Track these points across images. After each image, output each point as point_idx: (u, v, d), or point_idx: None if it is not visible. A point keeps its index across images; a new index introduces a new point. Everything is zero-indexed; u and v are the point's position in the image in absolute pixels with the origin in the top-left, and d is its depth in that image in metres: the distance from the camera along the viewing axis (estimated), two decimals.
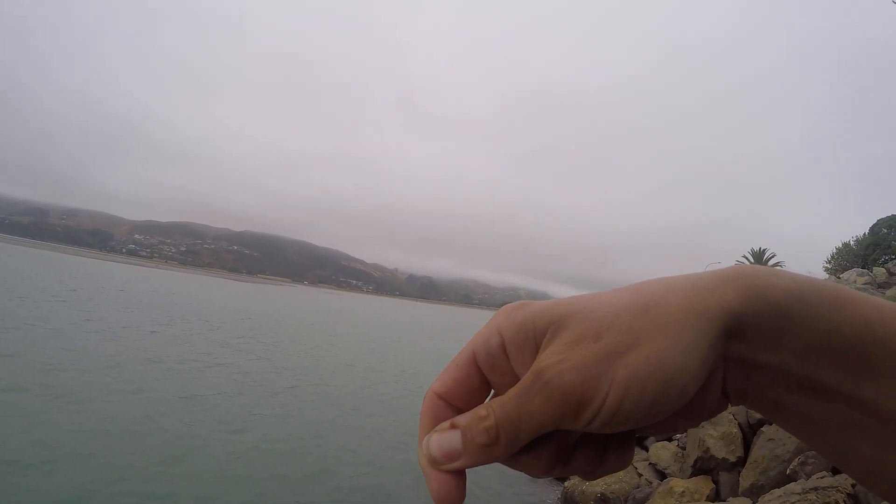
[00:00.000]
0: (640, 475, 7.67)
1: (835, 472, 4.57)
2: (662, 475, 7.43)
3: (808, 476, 4.62)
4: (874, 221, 27.77)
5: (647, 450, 9.01)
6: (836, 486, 4.08)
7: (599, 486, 7.29)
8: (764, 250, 45.13)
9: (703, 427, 6.83)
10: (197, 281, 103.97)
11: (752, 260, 44.68)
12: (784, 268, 43.54)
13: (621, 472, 7.55)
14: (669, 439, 8.82)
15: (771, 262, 43.98)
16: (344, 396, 13.74)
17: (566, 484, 7.85)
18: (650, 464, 8.07)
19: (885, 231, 26.66)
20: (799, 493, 4.26)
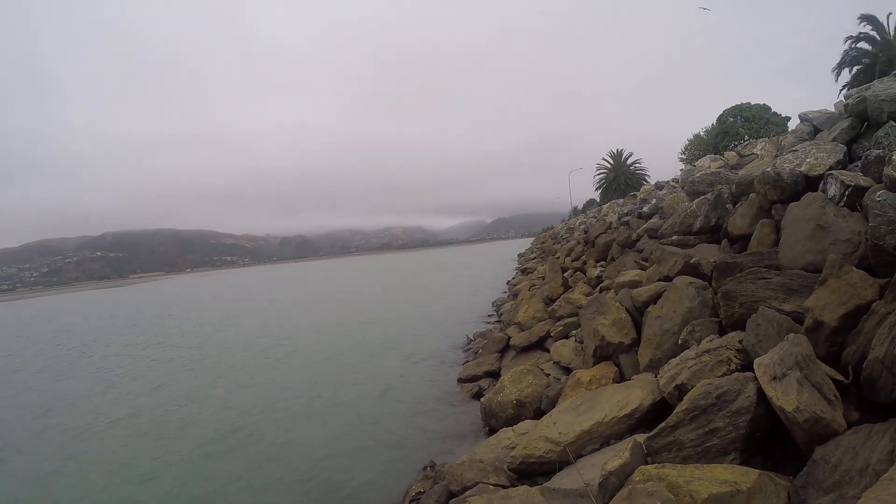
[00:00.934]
0: (547, 375, 8.09)
1: (721, 333, 5.08)
2: (568, 370, 7.87)
3: (699, 342, 5.08)
4: (719, 112, 30.41)
5: (548, 351, 9.52)
6: (725, 345, 4.53)
7: (513, 393, 7.62)
8: (622, 150, 48.04)
9: (593, 318, 7.28)
10: (65, 299, 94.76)
11: (611, 162, 47.50)
12: (641, 164, 46.57)
13: (530, 376, 7.99)
14: (566, 336, 9.36)
15: (629, 161, 47.07)
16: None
17: (482, 400, 8.15)
18: (554, 363, 8.52)
19: (732, 119, 29.29)
20: (694, 358, 4.68)
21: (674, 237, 8.72)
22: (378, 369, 12.57)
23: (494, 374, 10.18)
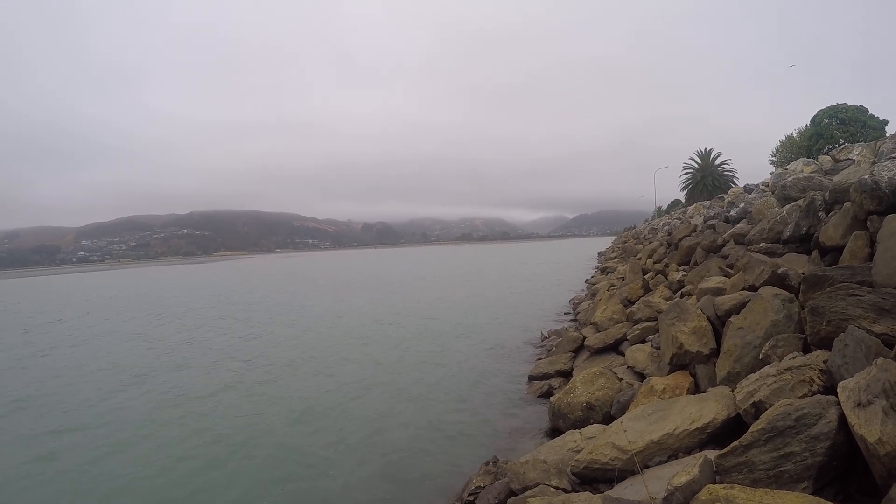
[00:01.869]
0: (620, 379, 7.96)
1: (805, 350, 4.83)
2: (642, 376, 7.71)
3: (781, 358, 4.84)
4: (815, 113, 28.66)
5: (623, 355, 9.35)
6: (809, 364, 4.30)
7: (584, 395, 7.54)
8: (710, 150, 46.20)
9: (672, 324, 7.07)
10: (155, 272, 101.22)
11: (699, 161, 45.77)
12: (730, 164, 44.71)
13: (602, 379, 7.87)
14: (643, 341, 9.15)
15: (717, 161, 45.23)
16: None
17: (552, 399, 8.11)
18: (628, 367, 8.37)
19: (826, 121, 27.56)
20: (774, 375, 4.48)
21: (761, 244, 8.32)
22: (450, 359, 12.75)
23: (566, 374, 10.09)
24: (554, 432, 7.45)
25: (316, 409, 9.51)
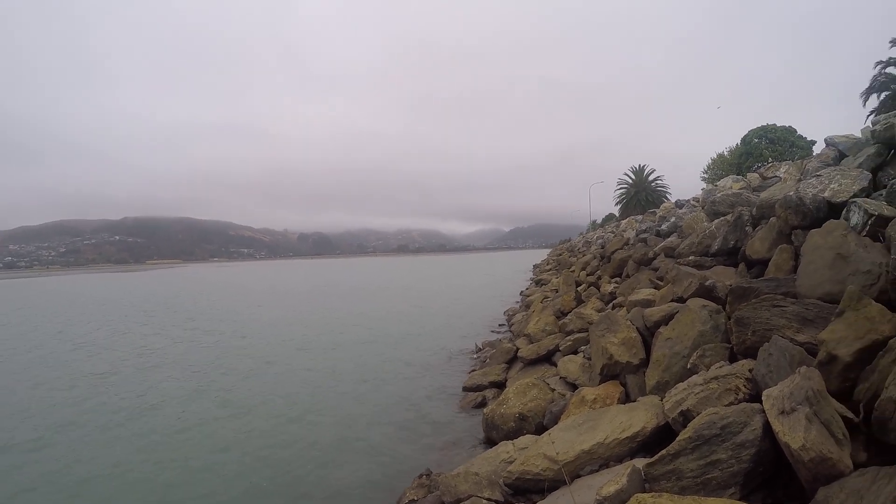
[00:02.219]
0: (552, 390, 7.96)
1: (731, 360, 4.93)
2: (574, 387, 7.74)
3: (708, 367, 4.93)
4: (745, 133, 30.06)
5: (555, 365, 9.39)
6: (735, 373, 4.38)
7: (517, 406, 7.51)
8: (644, 166, 47.85)
9: (603, 336, 7.14)
10: (82, 280, 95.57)
11: (633, 177, 47.27)
12: (663, 181, 46.29)
13: (535, 390, 7.86)
14: (575, 352, 9.23)
15: (651, 177, 46.83)
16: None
17: (485, 410, 8.04)
18: (560, 378, 8.39)
19: (756, 140, 28.96)
20: (701, 384, 4.54)
21: (690, 257, 8.55)
22: (383, 370, 12.52)
23: (500, 385, 10.07)
24: (487, 443, 7.38)
25: (245, 425, 9.08)
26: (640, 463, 3.98)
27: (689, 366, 5.32)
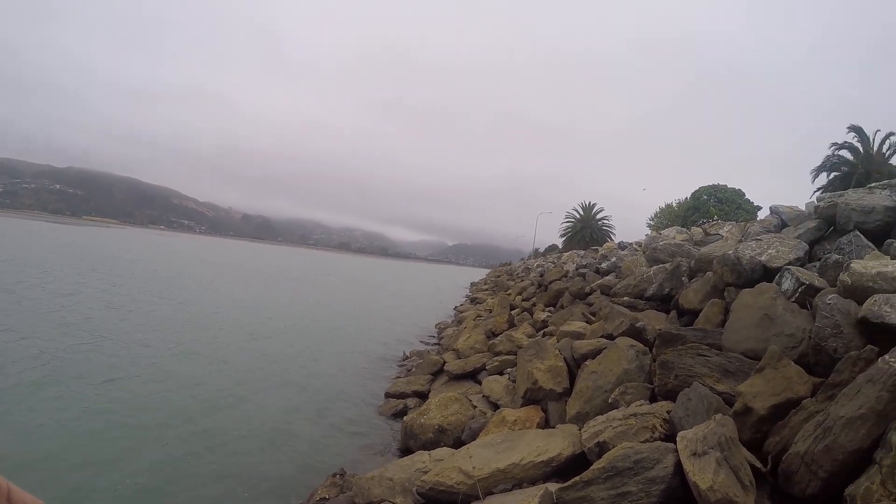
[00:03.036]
0: (474, 407, 8.02)
1: (652, 400, 5.11)
2: (495, 406, 7.83)
3: (629, 404, 5.10)
4: (696, 188, 31.28)
5: (480, 383, 9.47)
6: (654, 413, 4.56)
7: (437, 418, 7.52)
8: (593, 204, 49.07)
9: (530, 361, 7.28)
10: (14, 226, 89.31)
11: (580, 213, 48.43)
12: (609, 221, 47.52)
13: (457, 405, 7.91)
14: (501, 373, 9.34)
15: (599, 215, 48.06)
16: None
17: (406, 418, 8.02)
18: (483, 396, 8.48)
19: (706, 198, 30.20)
20: (620, 419, 4.69)
21: (625, 298, 8.83)
22: (307, 369, 12.20)
23: (423, 396, 10.07)
24: (404, 451, 7.33)
25: (156, 417, 8.48)
26: (552, 487, 4.06)
27: (610, 400, 5.48)
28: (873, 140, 27.64)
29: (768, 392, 3.76)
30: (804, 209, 8.22)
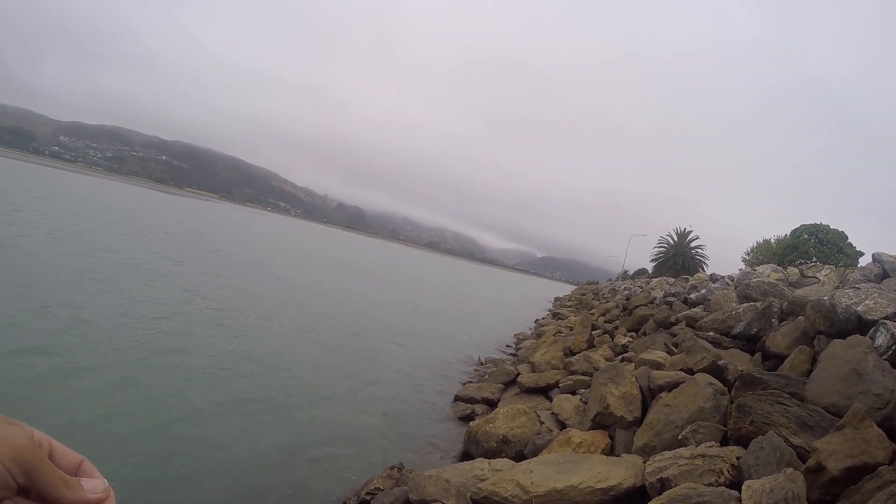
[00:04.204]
0: (542, 423, 8.00)
1: (723, 443, 4.94)
2: (563, 425, 7.77)
3: (698, 443, 4.95)
4: (797, 226, 29.50)
5: (550, 400, 9.43)
6: (723, 456, 4.40)
7: (503, 429, 7.56)
8: (689, 231, 47.30)
9: (605, 385, 7.17)
10: (124, 190, 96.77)
11: (674, 239, 46.81)
12: (703, 250, 45.69)
13: (524, 418, 7.91)
14: (573, 392, 9.25)
15: (693, 244, 46.29)
16: None
17: (471, 423, 8.12)
18: (552, 413, 8.43)
19: (806, 237, 28.44)
20: (687, 458, 4.57)
21: (710, 333, 8.51)
22: (382, 363, 12.52)
23: (491, 404, 10.12)
24: (465, 456, 7.43)
25: (232, 397, 8.47)
26: None
27: (680, 437, 5.33)
28: None
29: (844, 452, 3.56)
30: None
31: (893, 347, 4.79)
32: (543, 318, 29.55)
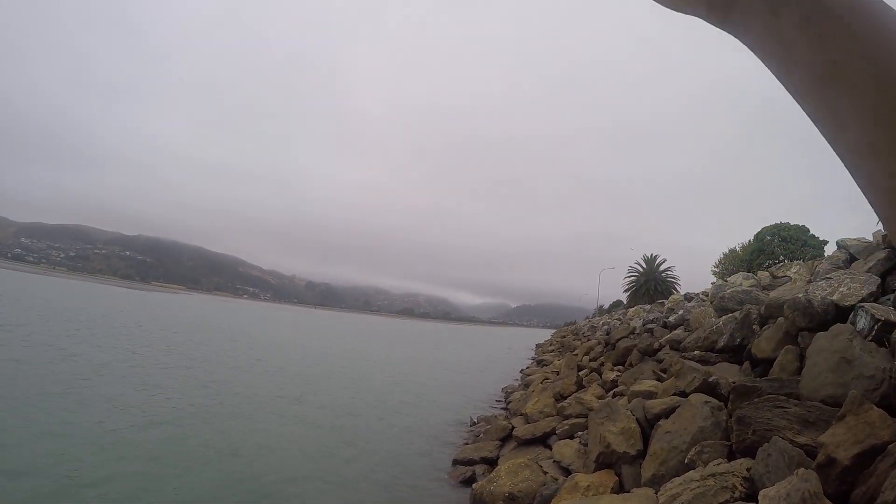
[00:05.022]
0: (545, 472, 7.81)
1: (730, 457, 4.86)
2: (567, 472, 7.60)
3: (706, 464, 4.86)
4: (759, 229, 30.23)
5: (550, 448, 9.24)
6: (732, 471, 4.33)
7: (507, 485, 7.36)
8: (656, 256, 48.09)
9: (602, 423, 7.08)
10: (89, 289, 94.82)
11: (643, 266, 47.52)
12: (674, 272, 46.34)
13: (527, 471, 7.71)
14: (571, 437, 9.09)
15: (662, 267, 47.01)
16: None
17: (474, 486, 7.88)
18: (554, 461, 8.25)
19: (769, 238, 29.16)
20: (698, 480, 4.48)
21: (696, 352, 8.54)
22: (373, 434, 12.23)
23: (491, 462, 9.86)
24: None
25: (216, 478, 8.60)
26: None
27: (686, 461, 5.24)
28: None
29: (851, 440, 3.53)
30: (871, 240, 7.86)
31: (876, 328, 4.86)
32: (528, 367, 29.33)
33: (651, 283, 45.64)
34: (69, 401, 11.56)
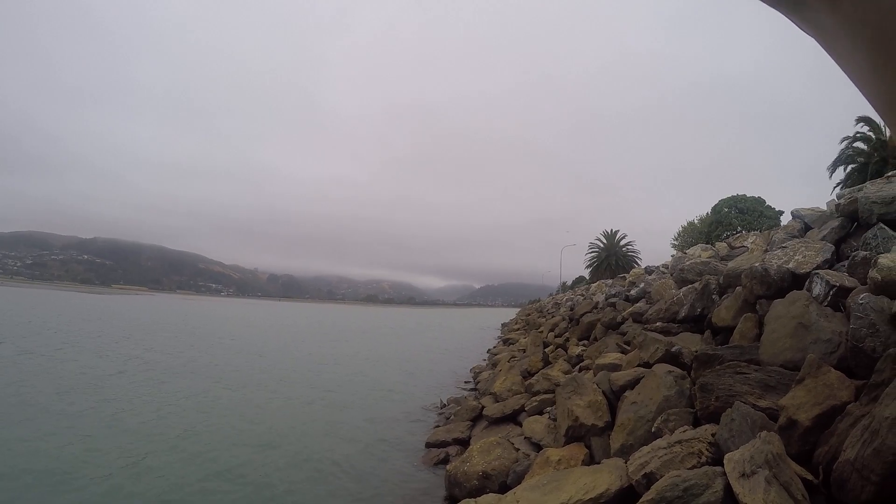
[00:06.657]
0: (517, 449, 7.91)
1: (695, 424, 5.01)
2: (538, 447, 7.71)
3: (672, 431, 5.00)
4: (716, 202, 30.95)
5: (520, 425, 9.35)
6: (698, 437, 4.46)
7: (480, 464, 7.43)
8: (616, 231, 49.02)
9: (569, 398, 7.19)
10: (51, 297, 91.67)
11: (604, 241, 48.38)
12: (634, 246, 47.20)
13: (499, 449, 7.80)
14: (540, 413, 9.21)
15: (622, 242, 47.94)
16: None
17: (448, 467, 7.93)
18: (525, 437, 8.36)
19: (727, 210, 29.88)
20: (665, 448, 4.60)
21: (658, 323, 8.72)
22: (346, 422, 12.20)
23: (463, 443, 9.95)
24: (449, 500, 7.26)
25: (197, 462, 8.73)
26: None
27: (653, 429, 5.37)
28: (883, 126, 27.36)
29: (811, 402, 3.68)
30: (825, 209, 8.13)
31: (831, 293, 5.04)
32: (495, 347, 29.57)
33: (612, 258, 46.52)
34: None
